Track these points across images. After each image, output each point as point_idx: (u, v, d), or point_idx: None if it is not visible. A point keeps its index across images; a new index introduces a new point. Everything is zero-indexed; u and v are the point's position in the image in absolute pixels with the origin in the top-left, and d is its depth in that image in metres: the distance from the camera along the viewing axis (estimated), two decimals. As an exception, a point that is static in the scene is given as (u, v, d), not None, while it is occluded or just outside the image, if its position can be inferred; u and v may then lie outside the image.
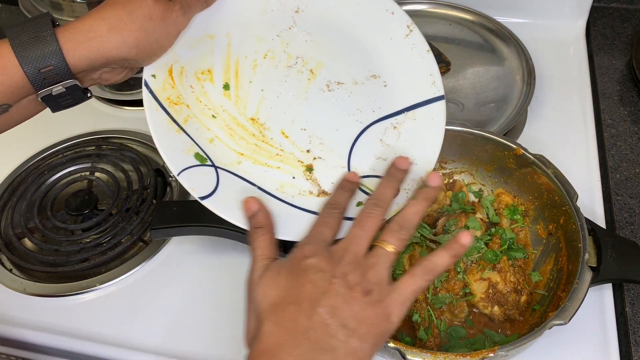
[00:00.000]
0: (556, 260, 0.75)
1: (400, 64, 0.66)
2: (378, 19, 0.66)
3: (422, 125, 0.65)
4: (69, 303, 0.81)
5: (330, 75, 0.66)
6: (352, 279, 0.51)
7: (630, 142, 0.94)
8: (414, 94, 0.65)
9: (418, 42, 0.66)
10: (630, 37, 1.12)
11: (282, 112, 0.65)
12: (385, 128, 0.65)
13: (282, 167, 0.64)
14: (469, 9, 1.14)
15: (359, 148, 0.65)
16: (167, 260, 0.85)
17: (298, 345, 0.49)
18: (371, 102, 0.66)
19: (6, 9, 1.31)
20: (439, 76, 0.66)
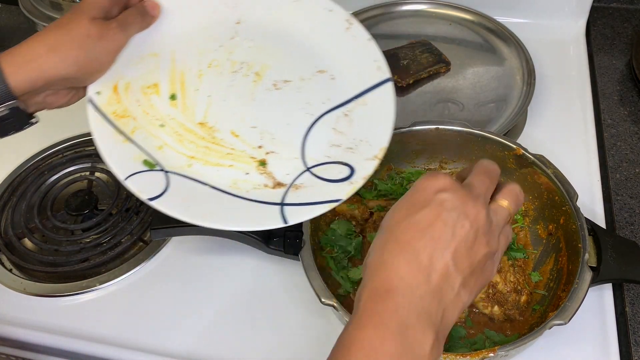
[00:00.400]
0: (556, 260, 0.75)
1: (344, 56, 0.71)
2: (318, 18, 0.71)
3: (373, 109, 0.68)
4: (69, 303, 0.81)
5: (277, 75, 0.70)
6: (482, 228, 0.49)
7: (630, 142, 0.94)
8: (362, 82, 0.69)
9: (359, 34, 0.71)
10: (630, 37, 1.12)
11: (231, 113, 0.68)
12: (337, 117, 0.68)
13: (235, 164, 0.66)
14: (469, 9, 1.14)
15: (312, 138, 0.67)
16: (167, 260, 0.85)
17: (418, 286, 0.46)
18: (320, 95, 0.69)
19: (6, 8, 1.31)
20: (383, 61, 0.70)
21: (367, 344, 0.44)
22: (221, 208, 0.62)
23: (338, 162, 0.66)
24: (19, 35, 1.24)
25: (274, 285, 0.81)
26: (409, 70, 1.04)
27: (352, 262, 0.79)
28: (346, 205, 0.81)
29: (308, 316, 0.77)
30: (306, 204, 0.62)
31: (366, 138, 0.67)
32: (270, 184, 0.65)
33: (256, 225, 0.61)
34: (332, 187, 0.64)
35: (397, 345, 0.44)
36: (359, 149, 0.66)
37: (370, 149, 0.66)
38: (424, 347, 0.45)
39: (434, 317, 0.46)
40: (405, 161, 0.88)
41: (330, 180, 0.64)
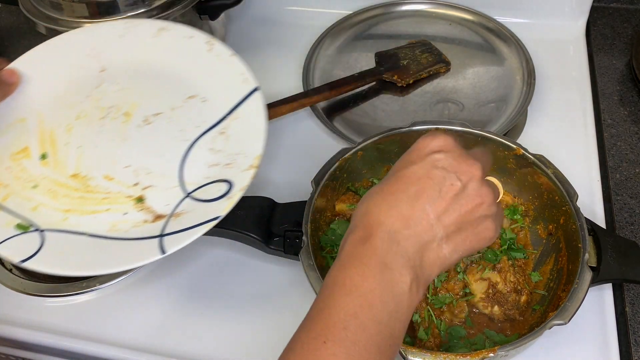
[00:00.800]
0: (556, 260, 0.75)
1: (211, 77, 0.73)
2: (179, 47, 0.74)
3: (246, 120, 0.70)
4: (69, 303, 0.81)
5: (147, 111, 0.71)
6: (476, 189, 0.50)
7: (630, 142, 0.94)
8: (231, 97, 0.71)
9: (221, 52, 0.74)
10: (630, 37, 1.12)
11: (103, 158, 0.69)
12: (213, 137, 0.70)
13: (112, 207, 0.66)
14: (469, 9, 1.14)
15: (190, 163, 0.68)
16: (167, 260, 0.85)
17: (397, 231, 0.49)
18: (193, 119, 0.71)
19: (6, 8, 1.31)
20: (249, 72, 0.72)
21: (349, 282, 0.47)
22: (100, 254, 0.62)
23: (217, 181, 0.66)
24: (19, 35, 1.24)
25: (274, 285, 0.80)
26: (409, 70, 1.04)
27: (352, 262, 0.79)
28: (346, 205, 0.81)
29: (308, 316, 0.77)
30: (186, 229, 0.62)
31: (242, 150, 0.68)
32: (149, 219, 0.65)
33: (133, 263, 0.61)
34: (212, 206, 0.64)
35: (377, 282, 0.47)
36: (236, 163, 0.67)
37: (246, 160, 0.67)
38: (402, 286, 0.47)
39: (412, 260, 0.48)
40: (405, 161, 0.88)
41: (210, 200, 0.65)
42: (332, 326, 0.45)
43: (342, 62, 1.09)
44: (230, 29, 1.21)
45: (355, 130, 0.97)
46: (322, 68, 1.08)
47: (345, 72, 1.06)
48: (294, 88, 1.05)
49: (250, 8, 1.22)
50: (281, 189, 0.87)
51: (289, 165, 0.95)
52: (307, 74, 1.06)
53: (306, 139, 0.99)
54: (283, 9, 1.22)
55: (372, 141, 0.82)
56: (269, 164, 0.95)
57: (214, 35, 1.04)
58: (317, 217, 0.77)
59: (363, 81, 1.02)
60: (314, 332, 0.46)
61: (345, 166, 0.81)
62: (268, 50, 1.16)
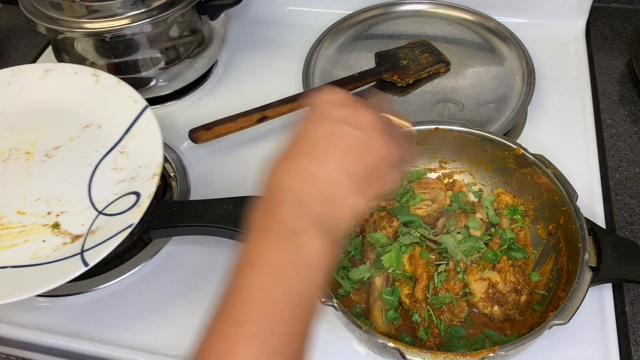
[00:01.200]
0: (556, 260, 0.75)
1: (102, 105, 0.80)
2: (67, 83, 0.81)
3: (142, 136, 0.77)
4: (69, 303, 0.81)
5: (46, 146, 0.78)
6: (374, 135, 0.51)
7: (630, 142, 0.94)
8: (124, 119, 0.78)
9: (108, 81, 0.81)
10: (630, 37, 1.12)
11: (12, 196, 0.74)
12: (114, 157, 0.77)
13: (29, 238, 0.71)
14: (469, 9, 1.14)
15: (96, 185, 0.75)
16: (167, 260, 0.85)
17: (300, 192, 0.49)
18: (93, 146, 0.78)
19: (6, 9, 1.31)
20: (137, 94, 0.80)
21: (259, 257, 0.47)
22: (26, 281, 0.66)
23: (126, 194, 0.73)
24: (19, 35, 1.24)
25: (274, 285, 0.80)
26: (409, 70, 1.04)
27: (352, 262, 0.79)
28: (346, 205, 0.81)
29: (308, 316, 0.77)
30: (104, 241, 0.68)
31: (143, 163, 0.75)
32: (68, 241, 0.71)
33: (60, 279, 0.65)
34: (124, 217, 0.70)
35: (284, 251, 0.46)
36: (140, 175, 0.74)
37: (149, 171, 0.74)
38: (311, 248, 0.47)
39: (321, 220, 0.48)
40: (405, 161, 0.88)
41: (122, 213, 0.71)
42: (247, 307, 0.45)
43: (342, 62, 1.09)
44: (230, 29, 1.21)
45: (355, 130, 0.97)
46: (322, 68, 1.08)
47: (345, 72, 1.06)
48: (294, 88, 1.05)
49: (250, 8, 1.22)
50: (281, 189, 0.87)
51: (289, 165, 0.95)
52: (307, 74, 1.06)
53: (306, 139, 0.98)
54: (283, 9, 1.22)
55: (372, 141, 0.82)
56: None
57: (214, 35, 1.05)
58: (317, 217, 0.77)
59: (363, 81, 1.02)
60: (230, 318, 0.46)
61: (345, 166, 0.81)
62: (268, 50, 1.16)
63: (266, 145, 0.98)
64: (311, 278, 0.47)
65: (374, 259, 0.77)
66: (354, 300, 0.76)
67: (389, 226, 0.79)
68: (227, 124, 0.93)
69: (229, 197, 0.79)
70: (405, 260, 0.76)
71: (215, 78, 1.12)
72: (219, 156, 0.97)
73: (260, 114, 0.94)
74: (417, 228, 0.79)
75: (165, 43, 0.98)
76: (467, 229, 0.78)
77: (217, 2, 0.98)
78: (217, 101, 1.07)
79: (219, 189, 0.92)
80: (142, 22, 0.90)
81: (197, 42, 1.02)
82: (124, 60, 0.97)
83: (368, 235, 0.79)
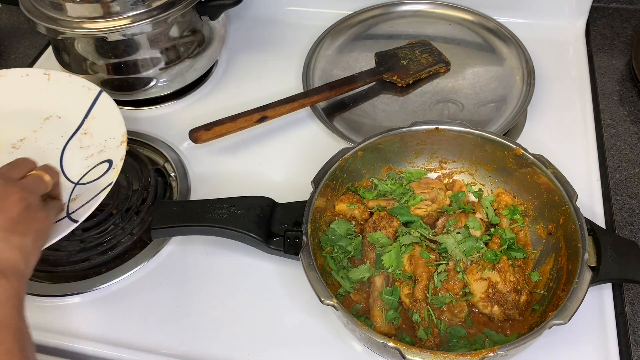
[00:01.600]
0: (556, 260, 0.75)
1: (58, 98, 0.88)
2: (20, 86, 0.89)
3: (102, 117, 0.85)
4: (69, 303, 0.81)
5: (12, 140, 0.85)
6: (9, 192, 0.63)
7: (630, 142, 0.94)
8: (82, 106, 0.87)
9: (59, 77, 0.89)
10: (630, 37, 1.12)
11: None
12: (79, 138, 0.85)
13: None
14: (469, 9, 1.14)
15: (67, 162, 0.83)
16: (167, 260, 0.85)
17: None
18: (56, 133, 0.86)
19: (6, 8, 1.31)
20: (90, 83, 0.88)
21: None
22: None
23: (98, 164, 0.81)
24: (19, 35, 1.24)
25: (274, 285, 0.81)
26: (409, 70, 1.04)
27: (352, 262, 0.79)
28: (346, 205, 0.81)
29: (308, 316, 0.77)
30: (87, 202, 0.76)
31: (109, 136, 0.83)
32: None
33: (56, 236, 0.72)
34: (102, 181, 0.79)
35: None
36: (108, 146, 0.83)
37: (115, 141, 0.82)
38: None
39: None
40: (405, 161, 0.88)
41: (98, 178, 0.79)
42: None
43: (342, 62, 1.09)
44: (230, 29, 1.21)
45: (355, 130, 0.97)
46: (322, 68, 1.08)
47: (345, 72, 1.06)
48: (294, 88, 1.05)
49: (250, 8, 1.22)
50: (281, 189, 0.87)
51: (289, 165, 0.95)
52: (307, 74, 1.06)
53: (306, 139, 0.99)
54: (283, 9, 1.23)
55: (372, 141, 0.82)
56: (269, 164, 0.95)
57: (214, 36, 1.05)
58: (317, 217, 0.78)
59: (363, 81, 1.02)
60: None
61: (345, 166, 0.81)
62: (268, 50, 1.16)
63: (266, 145, 0.98)
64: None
65: (374, 258, 0.77)
66: (354, 300, 0.76)
67: (389, 226, 0.79)
68: (227, 124, 0.93)
69: (229, 197, 0.79)
70: (405, 260, 0.76)
71: (215, 78, 1.12)
72: (219, 156, 0.97)
73: (260, 114, 0.94)
74: (417, 228, 0.79)
75: (166, 43, 0.98)
76: (467, 229, 0.78)
77: (217, 2, 0.99)
78: (217, 101, 1.07)
79: (219, 189, 0.92)
80: (142, 22, 0.91)
81: (197, 42, 1.02)
82: (124, 60, 0.97)
83: (368, 235, 0.79)
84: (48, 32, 0.92)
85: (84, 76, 0.99)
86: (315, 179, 0.78)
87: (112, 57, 0.97)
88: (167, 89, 1.04)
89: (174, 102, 1.07)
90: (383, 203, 0.83)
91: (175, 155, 0.97)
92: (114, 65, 0.98)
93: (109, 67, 0.98)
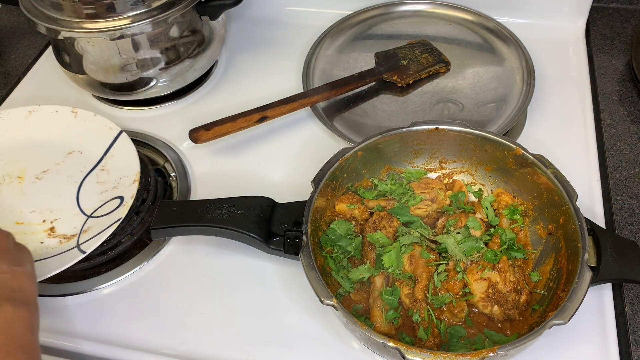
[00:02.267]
0: (556, 260, 0.75)
1: (82, 134, 0.94)
2: (49, 121, 0.94)
3: (119, 156, 0.91)
4: (69, 303, 0.81)
5: (36, 171, 0.91)
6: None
7: (630, 142, 0.94)
8: (103, 144, 0.92)
9: (85, 115, 0.95)
10: (630, 37, 1.12)
11: (9, 212, 0.87)
12: (97, 174, 0.91)
13: (29, 241, 0.83)
14: (469, 9, 1.14)
15: (83, 195, 0.88)
16: (167, 260, 0.85)
17: None
18: (77, 167, 0.92)
19: (6, 8, 1.31)
20: (111, 122, 0.94)
21: None
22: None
23: (110, 200, 0.86)
24: (19, 35, 1.24)
25: (274, 285, 0.81)
26: (409, 70, 1.04)
27: (351, 262, 0.79)
28: (346, 205, 0.81)
29: (308, 316, 0.77)
30: (97, 234, 0.80)
31: (124, 174, 0.88)
32: (64, 240, 0.83)
33: (61, 267, 0.76)
34: (112, 215, 0.83)
35: None
36: (122, 183, 0.87)
37: (129, 179, 0.87)
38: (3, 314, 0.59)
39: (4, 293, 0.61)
40: (405, 161, 0.88)
41: (109, 213, 0.84)
42: None
43: (342, 62, 1.09)
44: (230, 29, 1.21)
45: (355, 130, 0.97)
46: (322, 68, 1.08)
47: (345, 72, 1.06)
48: (294, 88, 1.05)
49: (250, 8, 1.22)
50: (281, 189, 0.87)
51: (289, 165, 0.95)
52: (307, 74, 1.06)
53: (306, 138, 0.99)
54: (283, 9, 1.23)
55: (372, 141, 0.82)
56: (269, 164, 0.95)
57: (214, 36, 1.05)
58: (317, 217, 0.78)
59: (363, 81, 1.02)
60: None
61: (345, 166, 0.81)
62: (268, 50, 1.16)
63: (266, 145, 0.98)
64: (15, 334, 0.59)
65: (374, 259, 0.77)
66: (354, 300, 0.76)
67: (389, 226, 0.79)
68: (227, 124, 0.93)
69: (229, 197, 0.79)
70: (405, 260, 0.76)
71: (215, 78, 1.12)
72: (219, 156, 0.97)
73: (260, 114, 0.94)
74: (417, 228, 0.79)
75: (166, 43, 0.98)
76: (467, 229, 0.78)
77: (217, 2, 0.98)
78: (217, 101, 1.07)
79: (219, 189, 0.92)
80: (142, 22, 0.90)
81: (197, 42, 1.02)
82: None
83: (368, 235, 0.79)
84: (48, 32, 0.92)
85: (84, 76, 1.00)
86: (315, 179, 0.78)
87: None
88: (167, 89, 1.04)
89: (174, 102, 1.07)
90: (383, 203, 0.83)
91: (175, 155, 0.97)
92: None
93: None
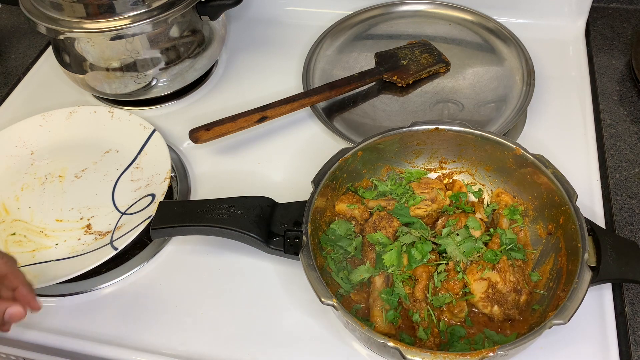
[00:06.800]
0: (556, 260, 0.76)
1: (118, 134, 0.98)
2: (88, 121, 1.00)
3: (153, 154, 0.94)
4: (69, 303, 0.81)
5: (75, 170, 0.96)
6: None
7: (630, 142, 0.94)
8: (138, 143, 0.96)
9: (121, 115, 0.99)
10: (630, 37, 1.12)
11: (50, 209, 0.91)
12: (131, 172, 0.94)
13: (67, 239, 0.86)
14: (469, 9, 1.14)
15: (118, 193, 0.92)
16: (167, 260, 0.85)
17: None
18: (113, 165, 0.96)
19: (6, 8, 1.31)
20: (146, 121, 0.97)
21: None
22: (67, 268, 0.80)
23: (143, 197, 0.89)
24: (19, 35, 1.24)
25: (274, 285, 0.81)
26: (409, 70, 1.04)
27: (351, 263, 0.79)
28: (346, 205, 0.81)
29: (308, 316, 0.77)
30: (129, 231, 0.83)
31: (156, 172, 0.92)
32: (99, 237, 0.86)
33: (95, 263, 0.79)
34: (144, 212, 0.86)
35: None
36: (154, 181, 0.91)
37: (161, 177, 0.90)
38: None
39: None
40: (405, 161, 0.88)
41: (141, 210, 0.87)
42: None
43: (342, 62, 1.09)
44: (230, 29, 1.21)
45: (355, 130, 0.97)
46: (322, 68, 1.08)
47: (345, 72, 1.06)
48: (294, 88, 1.05)
49: (250, 8, 1.22)
50: (281, 189, 0.87)
51: (289, 165, 0.95)
52: (307, 74, 1.06)
53: (306, 138, 0.99)
54: (283, 9, 1.23)
55: (372, 141, 0.82)
56: (269, 164, 0.95)
57: (214, 36, 1.05)
58: (317, 217, 0.78)
59: (363, 81, 1.02)
60: None
61: (345, 166, 0.81)
62: (268, 50, 1.16)
63: (266, 145, 0.98)
64: None
65: (374, 259, 0.77)
66: (354, 300, 0.76)
67: (389, 226, 0.79)
68: (227, 124, 0.93)
69: (229, 197, 0.79)
70: (405, 260, 0.76)
71: (215, 78, 1.12)
72: (219, 156, 0.97)
73: (260, 114, 0.94)
74: (417, 229, 0.79)
75: (166, 43, 0.98)
76: (467, 229, 0.78)
77: (217, 2, 0.99)
78: (217, 101, 1.07)
79: (219, 189, 0.92)
80: (142, 23, 0.91)
81: (197, 42, 1.02)
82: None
83: (368, 236, 0.79)
84: (48, 32, 0.92)
85: (84, 76, 1.00)
86: (315, 179, 0.78)
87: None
88: (167, 89, 1.04)
89: (174, 102, 1.07)
90: (383, 203, 0.83)
91: (175, 155, 0.97)
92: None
93: (108, 67, 0.98)
